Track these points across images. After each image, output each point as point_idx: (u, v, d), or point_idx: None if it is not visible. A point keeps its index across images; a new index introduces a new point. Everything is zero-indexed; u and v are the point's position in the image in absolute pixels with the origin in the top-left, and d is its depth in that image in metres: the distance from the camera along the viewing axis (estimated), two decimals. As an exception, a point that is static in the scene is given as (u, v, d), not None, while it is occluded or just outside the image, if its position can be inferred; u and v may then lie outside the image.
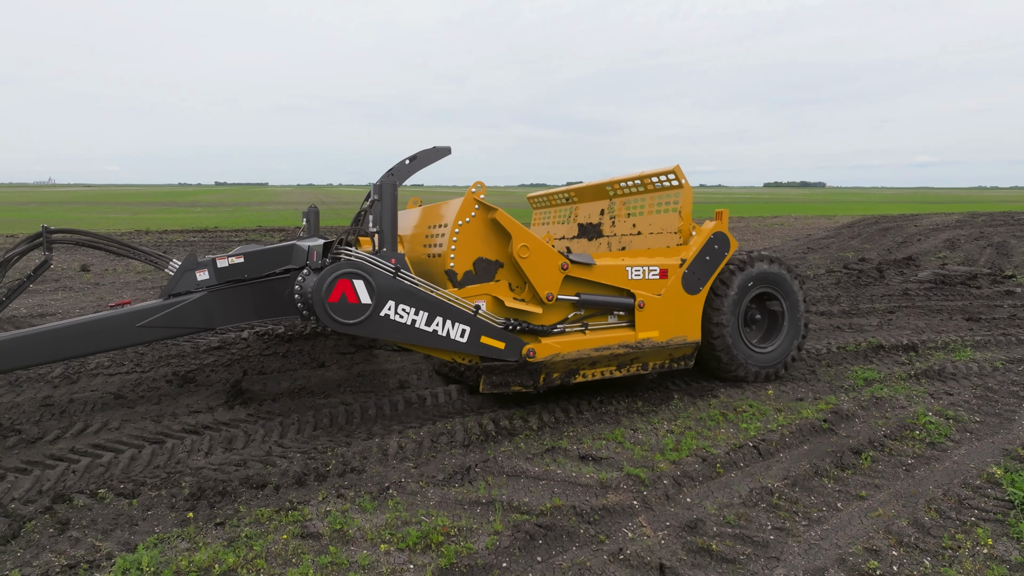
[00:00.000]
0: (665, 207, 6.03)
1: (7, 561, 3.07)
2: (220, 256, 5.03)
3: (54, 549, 3.17)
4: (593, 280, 5.05)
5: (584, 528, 3.36)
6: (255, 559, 3.02)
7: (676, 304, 5.35)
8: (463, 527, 3.33)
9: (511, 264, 4.82)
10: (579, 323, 5.06)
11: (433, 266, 4.87)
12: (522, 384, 4.87)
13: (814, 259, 14.15)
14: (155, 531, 3.33)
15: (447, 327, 4.51)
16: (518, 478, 3.94)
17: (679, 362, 5.51)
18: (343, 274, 4.19)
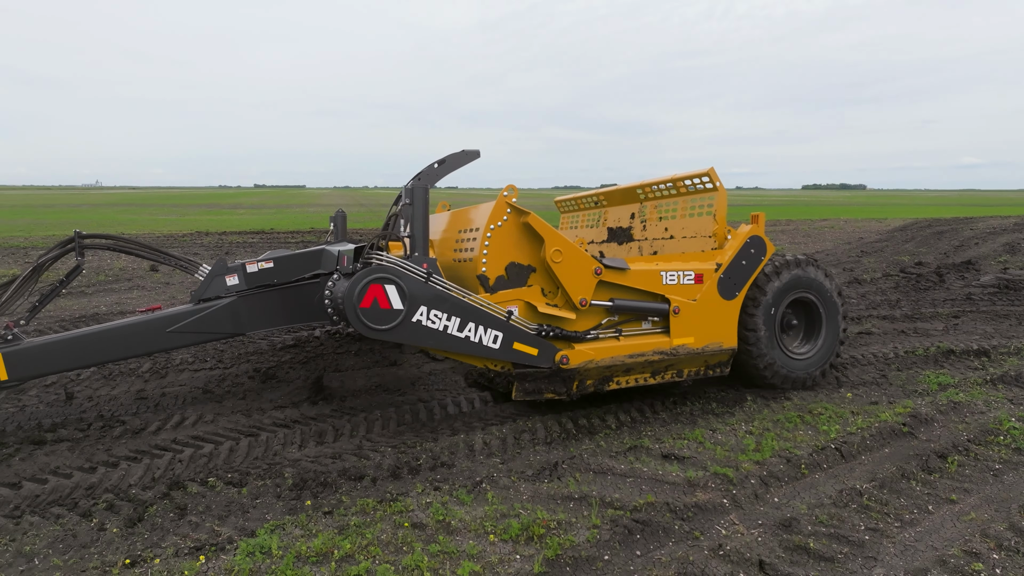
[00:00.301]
0: (699, 210, 5.85)
1: (136, 542, 3.27)
2: (250, 261, 4.98)
3: (177, 532, 3.36)
4: (627, 285, 4.93)
5: (679, 524, 3.43)
6: (368, 546, 3.16)
7: (712, 309, 5.20)
8: (562, 520, 3.42)
9: (544, 269, 4.72)
10: (613, 329, 4.93)
11: (464, 271, 4.78)
12: (555, 391, 4.79)
13: (868, 262, 13.91)
14: (266, 518, 3.50)
15: (480, 333, 4.43)
16: (605, 475, 4.02)
17: (715, 369, 5.36)
18: (375, 279, 4.14)
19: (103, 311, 8.81)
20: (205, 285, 4.85)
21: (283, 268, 4.99)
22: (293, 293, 5.03)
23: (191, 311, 4.72)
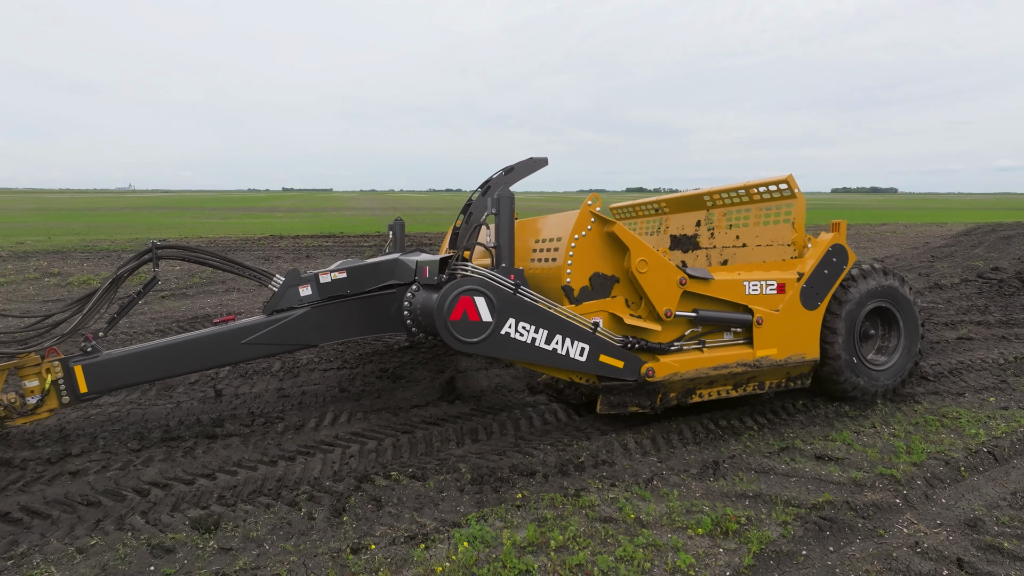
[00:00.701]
0: (775, 218, 5.71)
1: (348, 531, 3.46)
2: (323, 271, 4.92)
3: (382, 522, 3.55)
4: (710, 295, 4.78)
5: (861, 522, 3.52)
6: (576, 538, 3.31)
7: (794, 320, 5.04)
8: (750, 516, 3.54)
9: (627, 279, 4.61)
10: (695, 340, 4.79)
11: (542, 281, 4.67)
12: (639, 404, 4.70)
13: (942, 268, 13.73)
14: (459, 510, 3.68)
15: (567, 345, 4.33)
16: (767, 474, 4.12)
17: (796, 381, 5.20)
18: (465, 291, 4.06)
19: (210, 312, 9.15)
20: (279, 296, 4.81)
21: (356, 279, 4.93)
22: (366, 303, 4.97)
23: (266, 322, 4.68)
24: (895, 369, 5.53)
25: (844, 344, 5.21)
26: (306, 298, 4.82)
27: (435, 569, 3.05)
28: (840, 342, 5.19)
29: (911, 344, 5.61)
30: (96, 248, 17.25)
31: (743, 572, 3.06)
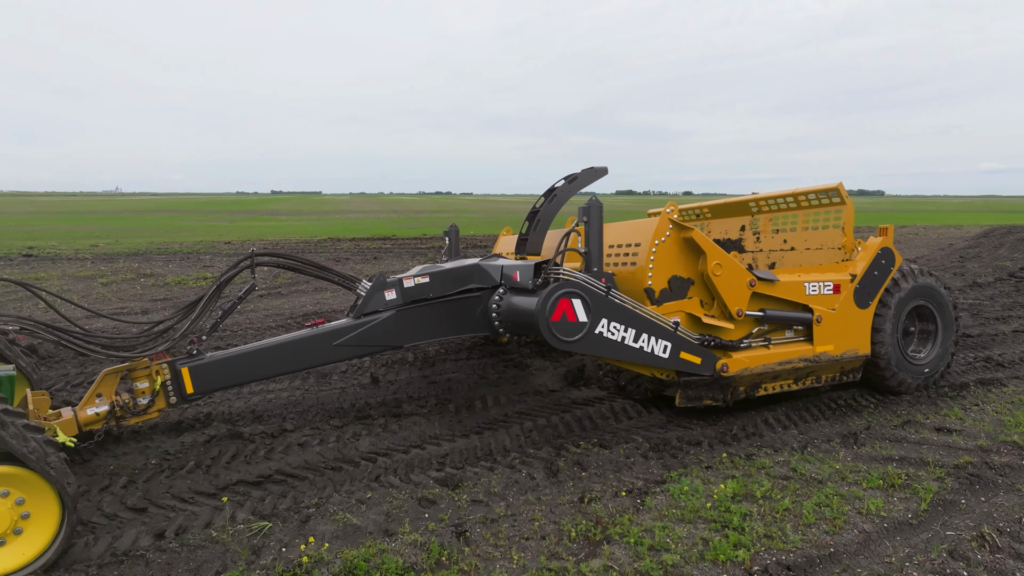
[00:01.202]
0: (824, 223, 6.16)
1: (569, 487, 4.06)
2: (407, 276, 5.10)
3: (593, 480, 4.15)
4: (776, 296, 5.17)
5: (1000, 479, 4.13)
6: (771, 491, 3.93)
7: (849, 318, 5.44)
8: (908, 474, 4.16)
9: (701, 281, 4.96)
10: (762, 338, 5.15)
11: (623, 284, 4.94)
12: (713, 398, 5.05)
13: (974, 267, 14.44)
14: (652, 471, 4.28)
15: (652, 343, 4.64)
16: (902, 443, 4.74)
17: (849, 375, 5.63)
18: (564, 293, 4.33)
19: (311, 310, 9.74)
20: (366, 300, 4.94)
21: (438, 283, 5.09)
22: (449, 306, 5.14)
23: (355, 325, 4.82)
24: (934, 363, 5.98)
25: (891, 340, 5.65)
26: (391, 302, 4.96)
27: (688, 505, 3.66)
28: (888, 338, 5.63)
29: (947, 340, 6.05)
30: (169, 250, 17.80)
31: (921, 515, 3.68)
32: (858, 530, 3.52)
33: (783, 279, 5.23)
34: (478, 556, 3.31)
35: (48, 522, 3.20)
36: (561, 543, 3.42)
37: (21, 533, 3.15)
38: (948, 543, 3.38)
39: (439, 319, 5.08)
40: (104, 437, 4.64)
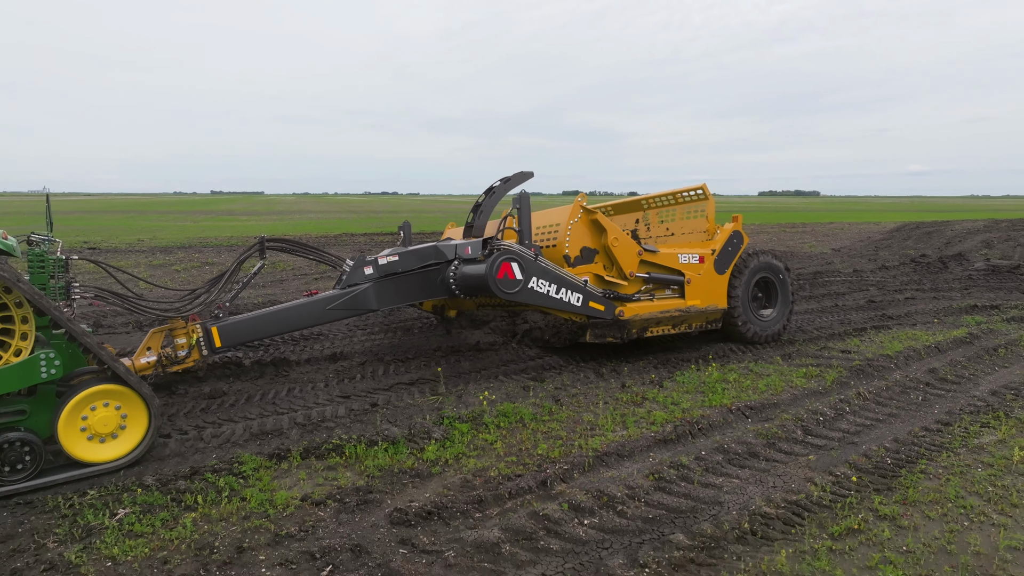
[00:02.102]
0: (694, 214, 7.95)
1: (614, 383, 6.30)
2: (381, 256, 6.15)
3: (626, 381, 6.39)
4: (657, 263, 6.86)
5: (875, 372, 6.54)
6: (739, 377, 6.25)
7: (711, 281, 7.16)
8: (821, 370, 6.55)
9: (604, 251, 6.57)
10: (648, 294, 6.86)
11: (547, 254, 6.35)
12: (613, 336, 6.61)
13: (885, 255, 17.37)
14: (661, 373, 6.55)
15: (569, 295, 6.06)
16: (818, 357, 7.12)
17: (713, 324, 7.36)
18: (506, 258, 5.70)
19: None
20: (350, 275, 6.00)
21: (405, 260, 6.18)
22: (414, 278, 6.22)
23: (343, 293, 5.84)
24: (775, 321, 7.80)
25: (742, 300, 7.44)
26: (369, 276, 6.01)
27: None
28: (740, 298, 7.40)
29: (785, 305, 7.89)
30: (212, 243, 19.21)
31: (827, 387, 6.05)
32: (789, 394, 5.87)
33: (662, 251, 6.96)
34: (571, 409, 5.52)
35: (140, 426, 4.35)
36: (617, 404, 5.66)
37: (124, 430, 4.30)
38: (841, 398, 5.75)
39: (406, 288, 6.19)
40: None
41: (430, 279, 6.30)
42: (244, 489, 4.02)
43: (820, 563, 3.27)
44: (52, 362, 4.01)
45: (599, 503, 3.87)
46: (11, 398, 4.06)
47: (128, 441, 4.31)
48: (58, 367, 4.04)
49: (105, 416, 4.22)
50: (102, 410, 4.22)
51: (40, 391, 4.15)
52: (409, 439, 4.78)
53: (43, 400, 4.16)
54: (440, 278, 6.30)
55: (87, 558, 3.28)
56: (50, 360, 4.01)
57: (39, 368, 3.97)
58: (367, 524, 3.65)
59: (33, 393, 4.14)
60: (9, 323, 3.96)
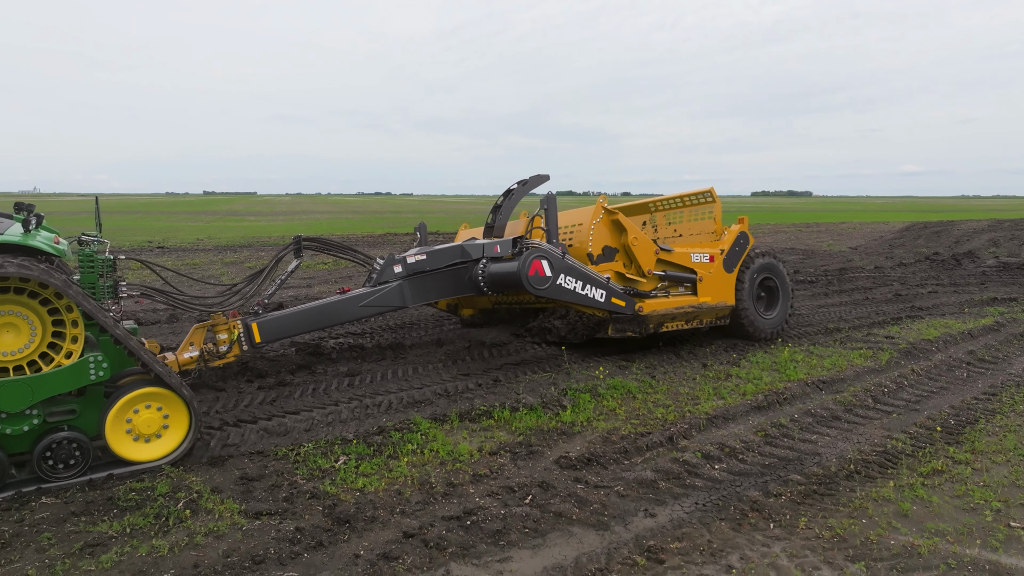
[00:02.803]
0: (702, 216, 8.20)
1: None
2: (409, 255, 6.31)
3: (707, 360, 7.19)
4: (672, 261, 7.11)
5: (921, 354, 7.35)
6: (806, 357, 7.06)
7: (720, 279, 7.39)
8: (873, 351, 7.36)
9: (623, 250, 6.83)
10: (664, 291, 7.11)
11: (571, 252, 6.54)
12: (633, 331, 6.80)
13: (900, 253, 18.21)
14: (736, 356, 7.35)
15: (593, 291, 6.25)
16: (867, 341, 7.92)
17: (722, 320, 7.54)
18: (537, 255, 5.89)
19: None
20: (381, 273, 6.13)
21: (433, 259, 6.34)
22: (440, 276, 6.37)
23: (374, 291, 5.97)
24: (777, 321, 7.98)
25: (748, 297, 7.63)
26: (399, 274, 6.17)
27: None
28: (746, 295, 7.60)
29: (785, 304, 8.10)
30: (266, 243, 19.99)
31: (882, 365, 6.87)
32: (852, 371, 6.68)
33: (677, 250, 7.26)
34: (668, 384, 6.32)
35: (181, 427, 4.40)
36: (706, 379, 6.46)
37: (167, 430, 4.37)
38: (898, 374, 6.56)
39: (434, 285, 6.35)
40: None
41: (457, 277, 6.44)
42: (429, 443, 4.81)
43: (919, 492, 4.07)
44: (100, 364, 4.12)
45: (723, 453, 4.68)
46: (62, 398, 4.15)
47: (171, 441, 4.39)
48: (106, 369, 4.14)
49: (149, 418, 4.30)
50: (145, 412, 4.29)
51: (89, 392, 4.25)
52: (544, 406, 5.58)
53: (92, 400, 4.27)
54: (468, 276, 6.43)
55: (338, 489, 4.08)
56: (98, 363, 4.12)
57: (88, 370, 4.08)
58: (541, 467, 4.45)
59: (83, 394, 4.24)
60: (61, 327, 4.06)
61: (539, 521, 3.72)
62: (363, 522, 3.68)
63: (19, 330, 3.94)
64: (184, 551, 3.38)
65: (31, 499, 3.93)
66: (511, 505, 3.90)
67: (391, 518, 3.74)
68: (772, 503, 3.94)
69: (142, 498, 3.93)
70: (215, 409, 5.52)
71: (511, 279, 5.95)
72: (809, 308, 10.30)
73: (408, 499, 3.97)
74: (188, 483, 4.13)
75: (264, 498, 3.98)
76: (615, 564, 3.31)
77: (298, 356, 7.02)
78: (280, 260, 5.88)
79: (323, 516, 3.75)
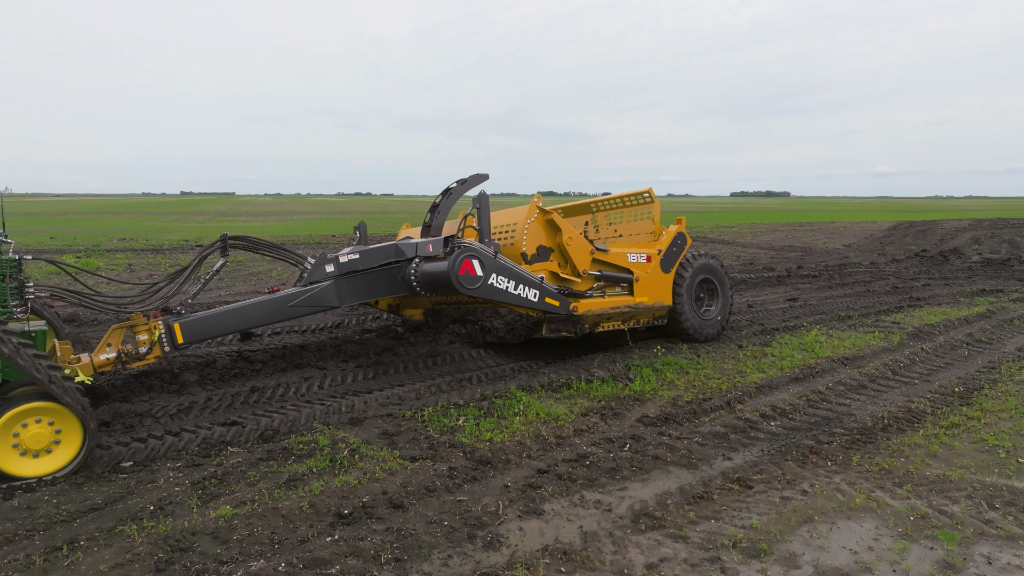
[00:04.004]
0: (640, 216, 8.00)
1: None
2: (342, 254, 6.09)
3: (739, 343, 8.02)
4: (608, 261, 6.97)
5: (926, 336, 8.23)
6: (828, 339, 7.91)
7: (657, 279, 7.27)
8: (886, 334, 8.22)
9: (559, 250, 6.68)
10: (599, 291, 6.97)
11: (506, 252, 6.39)
12: (567, 330, 6.59)
13: (891, 250, 19.23)
14: (761, 341, 8.19)
15: (526, 291, 6.12)
16: (878, 324, 8.79)
17: (659, 319, 7.45)
18: (467, 255, 5.75)
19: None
20: (312, 272, 5.90)
21: (365, 259, 6.14)
22: (374, 275, 6.19)
23: (304, 291, 5.77)
24: (716, 321, 7.98)
25: (687, 297, 7.58)
26: (330, 273, 5.95)
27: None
28: (684, 296, 7.54)
29: (725, 305, 8.08)
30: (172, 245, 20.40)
31: (895, 345, 7.73)
32: (869, 349, 7.53)
33: (613, 250, 7.08)
34: (712, 361, 7.13)
35: (74, 441, 4.17)
36: (745, 356, 7.28)
37: (58, 444, 4.13)
38: (908, 352, 7.43)
39: (367, 285, 6.16)
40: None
41: (391, 276, 6.28)
42: (528, 407, 5.59)
43: (943, 440, 4.91)
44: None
45: (776, 413, 5.50)
46: None
47: (62, 456, 4.16)
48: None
49: (38, 432, 4.06)
50: (34, 427, 4.06)
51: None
52: (614, 379, 6.38)
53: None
54: (401, 276, 6.28)
55: (470, 440, 4.85)
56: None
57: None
58: (627, 425, 5.25)
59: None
60: None
61: (641, 462, 4.51)
62: (500, 464, 4.46)
63: None
64: (369, 483, 4.14)
65: (219, 449, 4.68)
66: (614, 451, 4.69)
67: (521, 461, 4.53)
68: (826, 448, 4.77)
69: (311, 448, 4.68)
70: (328, 383, 6.26)
71: (442, 279, 5.83)
72: (818, 299, 11.18)
73: (530, 447, 4.75)
74: (341, 438, 4.88)
75: (411, 447, 4.74)
76: (713, 490, 4.11)
77: (380, 340, 7.76)
78: (203, 260, 5.66)
79: (466, 459, 4.52)
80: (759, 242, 23.13)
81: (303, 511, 3.75)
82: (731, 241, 23.50)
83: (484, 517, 3.72)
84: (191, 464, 4.42)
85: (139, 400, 5.53)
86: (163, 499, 3.90)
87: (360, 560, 3.26)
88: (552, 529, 3.62)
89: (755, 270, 15.06)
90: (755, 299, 11.24)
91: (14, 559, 3.26)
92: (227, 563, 3.24)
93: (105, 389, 5.60)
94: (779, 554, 3.38)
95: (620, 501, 3.95)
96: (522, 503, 3.90)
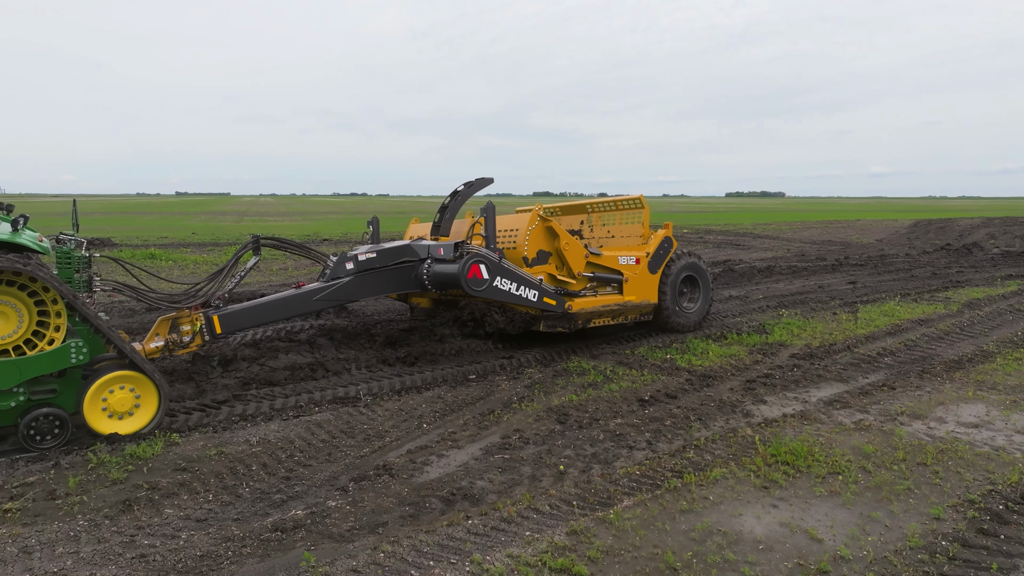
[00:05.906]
0: (631, 220, 8.50)
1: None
2: (360, 253, 6.44)
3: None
4: (600, 264, 7.39)
5: (977, 307, 10.16)
6: (704, 350, 9.87)
7: (645, 279, 7.69)
8: (943, 305, 10.16)
9: (556, 254, 7.10)
10: (592, 291, 7.43)
11: (508, 255, 6.73)
12: (563, 326, 6.99)
13: (919, 244, 21.11)
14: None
15: (527, 292, 6.52)
16: (934, 298, 10.71)
17: (646, 316, 7.85)
18: (475, 260, 6.14)
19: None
20: (334, 269, 6.24)
21: (382, 257, 6.52)
22: (390, 272, 6.57)
23: (327, 286, 6.13)
24: (697, 313, 8.43)
25: (671, 296, 8.01)
26: (351, 270, 6.31)
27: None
28: (668, 294, 7.98)
29: (706, 299, 8.54)
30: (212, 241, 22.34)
31: (954, 312, 9.66)
32: (936, 315, 9.45)
33: (605, 254, 7.52)
34: (817, 323, 9.08)
35: (151, 404, 4.69)
36: (841, 320, 9.22)
37: (138, 408, 4.66)
38: (967, 317, 9.35)
39: (383, 281, 6.55)
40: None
41: (404, 274, 6.69)
42: (707, 349, 7.56)
43: (1013, 365, 6.85)
44: (80, 350, 4.40)
45: (886, 352, 7.45)
46: (45, 379, 4.43)
47: (142, 418, 4.69)
48: (85, 354, 4.42)
49: (122, 397, 4.59)
50: (119, 392, 4.58)
51: (69, 374, 4.52)
52: (756, 332, 8.38)
53: (71, 381, 4.54)
54: (414, 274, 6.71)
55: (686, 366, 6.84)
56: (79, 348, 4.39)
57: (69, 354, 4.36)
58: (784, 359, 7.18)
59: (63, 375, 4.51)
60: (45, 316, 4.31)
61: (809, 379, 6.47)
62: (716, 379, 6.44)
63: (7, 318, 4.22)
64: (643, 386, 6.14)
65: (525, 371, 6.69)
66: (787, 372, 6.66)
67: (728, 376, 6.51)
68: (932, 371, 6.73)
69: (581, 370, 6.68)
70: (533, 357, 8.23)
71: (452, 280, 6.30)
72: (874, 282, 13.09)
73: (728, 369, 6.74)
74: (593, 366, 6.86)
75: (647, 372, 6.72)
76: (869, 390, 6.08)
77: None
78: (239, 259, 6.09)
79: (690, 375, 6.50)
80: (801, 237, 25.08)
81: (617, 399, 5.76)
82: (775, 236, 25.49)
83: (732, 402, 5.71)
84: (511, 378, 6.44)
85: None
86: (514, 396, 5.89)
87: (675, 420, 5.25)
88: (777, 409, 5.59)
89: (809, 260, 16.98)
90: (822, 282, 13.20)
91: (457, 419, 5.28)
92: (599, 419, 5.24)
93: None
94: (931, 417, 5.35)
95: (811, 396, 5.93)
96: (750, 397, 5.88)
